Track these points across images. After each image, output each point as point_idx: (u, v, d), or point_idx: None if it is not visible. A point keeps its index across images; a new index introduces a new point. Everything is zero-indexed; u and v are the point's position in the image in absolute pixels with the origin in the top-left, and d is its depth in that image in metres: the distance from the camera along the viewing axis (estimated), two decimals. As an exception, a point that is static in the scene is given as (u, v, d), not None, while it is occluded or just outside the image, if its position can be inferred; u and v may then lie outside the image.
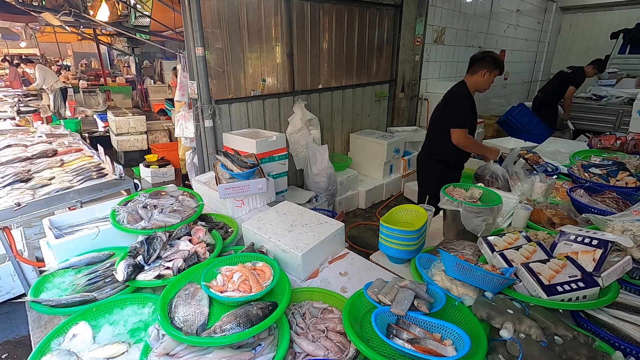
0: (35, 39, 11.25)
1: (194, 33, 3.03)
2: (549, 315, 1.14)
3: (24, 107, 5.90)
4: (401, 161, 4.88)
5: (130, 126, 5.72)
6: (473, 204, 1.72)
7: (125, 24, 5.89)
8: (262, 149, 2.92)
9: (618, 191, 1.96)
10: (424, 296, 1.22)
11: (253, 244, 1.72)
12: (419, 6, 5.10)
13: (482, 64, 2.53)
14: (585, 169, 2.29)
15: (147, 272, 1.45)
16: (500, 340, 1.08)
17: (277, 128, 3.96)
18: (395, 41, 5.13)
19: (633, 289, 1.32)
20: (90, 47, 13.64)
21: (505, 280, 1.25)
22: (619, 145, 2.96)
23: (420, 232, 1.60)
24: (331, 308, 1.36)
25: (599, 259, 1.29)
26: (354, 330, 1.12)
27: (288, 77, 3.98)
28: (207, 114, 3.30)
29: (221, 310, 1.32)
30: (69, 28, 7.91)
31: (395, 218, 1.77)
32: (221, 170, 2.26)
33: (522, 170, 2.27)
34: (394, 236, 1.58)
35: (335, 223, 1.78)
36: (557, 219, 1.81)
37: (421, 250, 1.65)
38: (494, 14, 6.82)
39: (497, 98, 8.09)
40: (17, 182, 2.35)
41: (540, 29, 8.89)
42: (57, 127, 4.37)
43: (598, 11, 8.92)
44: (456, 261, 1.29)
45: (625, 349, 1.09)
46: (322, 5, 4.06)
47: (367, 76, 4.99)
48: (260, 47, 3.64)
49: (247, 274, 1.40)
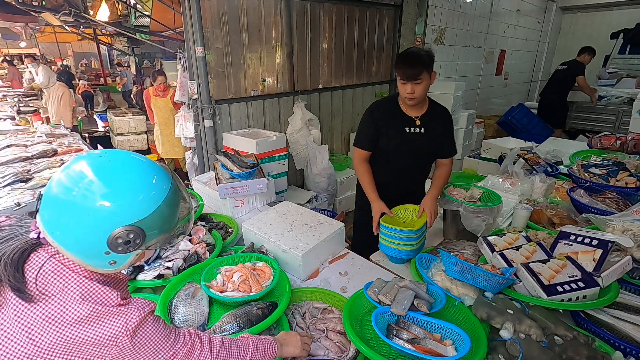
0: (35, 39, 11.24)
1: (194, 33, 3.03)
2: (549, 315, 1.14)
3: (24, 107, 5.91)
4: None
5: (130, 126, 5.72)
6: (473, 204, 1.72)
7: (125, 24, 5.89)
8: (262, 149, 2.92)
9: (618, 191, 1.96)
10: (424, 296, 1.22)
11: (253, 244, 1.72)
12: (419, 6, 5.09)
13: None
14: (585, 169, 2.29)
15: (147, 272, 1.45)
16: (500, 340, 1.08)
17: (277, 128, 3.95)
18: (395, 41, 5.13)
19: (633, 289, 1.32)
20: (90, 47, 13.63)
21: (505, 280, 1.25)
22: (619, 145, 2.96)
23: (420, 232, 1.60)
24: (331, 308, 1.36)
25: (599, 259, 1.29)
26: (354, 330, 1.12)
27: (288, 77, 3.98)
28: (207, 114, 3.30)
29: (221, 310, 1.32)
30: (69, 28, 7.91)
31: (396, 218, 1.77)
32: (221, 170, 2.26)
33: (522, 170, 2.27)
34: (394, 236, 1.58)
35: (335, 223, 1.78)
36: (557, 219, 1.81)
37: (421, 250, 1.65)
38: (494, 14, 6.82)
39: (497, 98, 8.08)
40: (17, 182, 2.35)
41: (540, 29, 8.88)
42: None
43: (598, 11, 8.91)
44: (456, 261, 1.29)
45: (625, 349, 1.09)
46: (322, 5, 4.06)
47: (367, 76, 4.98)
48: (260, 47, 3.63)
49: (247, 273, 1.40)
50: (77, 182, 0.69)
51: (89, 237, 0.70)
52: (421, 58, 1.64)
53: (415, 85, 1.66)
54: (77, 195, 0.68)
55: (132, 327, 0.73)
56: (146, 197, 0.72)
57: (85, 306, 0.70)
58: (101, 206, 0.68)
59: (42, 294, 0.69)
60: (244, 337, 0.98)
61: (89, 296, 0.72)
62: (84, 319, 0.69)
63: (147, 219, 0.72)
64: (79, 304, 0.70)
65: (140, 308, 0.76)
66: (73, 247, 0.71)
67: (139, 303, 0.77)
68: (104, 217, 0.69)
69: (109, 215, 0.69)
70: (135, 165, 0.75)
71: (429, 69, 1.66)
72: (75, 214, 0.68)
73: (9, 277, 0.68)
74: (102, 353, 0.72)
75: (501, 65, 7.69)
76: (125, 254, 0.74)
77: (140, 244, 0.73)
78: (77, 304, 0.70)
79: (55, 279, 0.71)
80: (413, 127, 1.81)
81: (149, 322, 0.77)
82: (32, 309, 0.68)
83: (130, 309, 0.74)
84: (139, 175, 0.73)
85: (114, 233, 0.70)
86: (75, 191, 0.68)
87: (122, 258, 0.74)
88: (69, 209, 0.69)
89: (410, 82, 1.66)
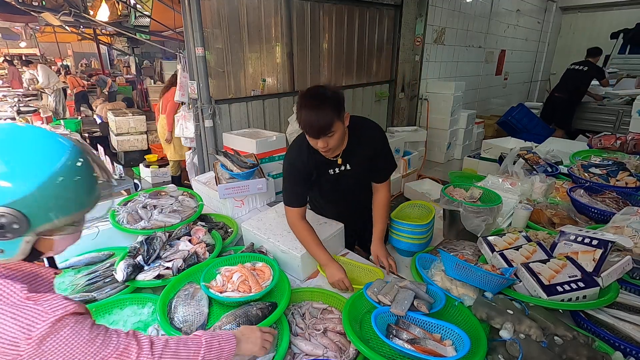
0: (35, 39, 11.24)
1: (194, 33, 3.03)
2: (548, 315, 1.14)
3: (24, 107, 5.91)
4: (401, 161, 4.88)
5: (130, 126, 5.71)
6: (473, 204, 1.72)
7: (125, 24, 5.89)
8: (262, 149, 2.92)
9: (618, 191, 1.96)
10: (424, 296, 1.22)
11: (253, 244, 1.72)
12: (419, 6, 5.10)
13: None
14: (585, 169, 2.29)
15: (147, 272, 1.45)
16: (500, 341, 1.08)
17: (277, 128, 3.95)
18: (395, 41, 5.13)
19: (633, 289, 1.32)
20: (90, 47, 13.65)
21: (505, 281, 1.25)
22: (619, 145, 2.95)
23: (429, 226, 1.68)
24: (331, 308, 1.36)
25: (599, 259, 1.29)
26: (353, 331, 1.12)
27: (288, 77, 3.98)
28: (207, 114, 3.30)
29: (221, 310, 1.32)
30: (69, 28, 7.90)
31: (404, 214, 1.85)
32: (221, 170, 2.26)
33: (522, 170, 2.26)
34: (405, 230, 1.66)
35: (335, 223, 1.78)
36: (557, 219, 1.81)
37: (428, 245, 1.73)
38: (494, 14, 6.82)
39: (497, 98, 8.09)
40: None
41: (540, 29, 8.88)
42: (57, 127, 4.37)
43: (598, 11, 8.91)
44: (456, 261, 1.29)
45: (625, 349, 1.09)
46: (322, 5, 4.06)
47: (367, 76, 4.98)
48: (260, 47, 3.64)
49: (246, 274, 1.40)
50: None
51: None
52: (328, 106, 1.30)
53: (329, 138, 1.35)
54: None
55: (37, 332, 0.61)
56: (28, 170, 0.60)
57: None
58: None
59: None
60: (196, 336, 0.89)
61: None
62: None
63: (27, 199, 0.60)
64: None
65: (52, 310, 0.63)
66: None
67: (53, 303, 0.65)
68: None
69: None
70: (17, 135, 0.62)
71: (340, 114, 1.33)
72: None
73: None
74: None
75: (501, 65, 7.70)
76: (9, 241, 0.62)
77: (22, 230, 0.61)
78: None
79: None
80: (336, 168, 1.57)
81: (66, 325, 0.65)
82: None
83: (36, 310, 0.62)
84: (20, 146, 0.61)
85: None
86: None
87: (8, 245, 0.63)
88: None
89: (321, 137, 1.34)
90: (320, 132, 1.33)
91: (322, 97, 1.32)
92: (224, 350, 0.89)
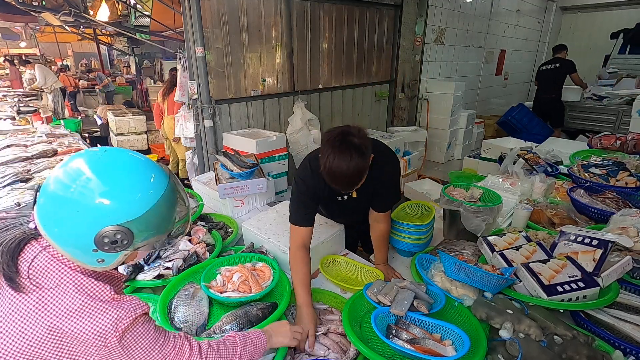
0: (35, 39, 11.23)
1: (194, 33, 3.03)
2: (548, 315, 1.14)
3: (24, 107, 5.90)
4: (401, 161, 4.88)
5: (130, 126, 5.72)
6: (473, 204, 1.72)
7: (125, 24, 5.89)
8: (262, 149, 2.92)
9: (618, 191, 1.96)
10: (424, 297, 1.22)
11: (253, 244, 1.72)
12: (419, 6, 5.09)
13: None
14: (585, 169, 2.29)
15: (147, 272, 1.45)
16: (499, 340, 1.08)
17: (277, 128, 3.95)
18: (395, 41, 5.13)
19: (633, 289, 1.32)
20: (90, 47, 13.63)
21: (505, 281, 1.25)
22: (619, 145, 2.95)
23: (429, 226, 1.69)
24: (331, 309, 1.36)
25: (599, 259, 1.29)
26: (353, 331, 1.12)
27: (288, 77, 3.98)
28: (207, 114, 3.30)
29: (221, 310, 1.32)
30: (69, 28, 7.90)
31: (404, 214, 1.86)
32: (221, 170, 2.26)
33: (522, 170, 2.26)
34: (405, 230, 1.66)
35: (335, 224, 1.78)
36: (557, 219, 1.81)
37: (428, 245, 1.74)
38: (494, 14, 6.82)
39: (497, 98, 8.08)
40: (17, 182, 2.35)
41: (540, 29, 8.88)
42: (57, 127, 4.37)
43: (598, 11, 8.91)
44: (455, 262, 1.29)
45: (625, 349, 1.09)
46: (322, 5, 4.06)
47: (367, 76, 4.98)
48: (260, 47, 3.63)
49: (246, 274, 1.40)
50: (75, 179, 0.68)
51: (78, 233, 0.69)
52: (358, 175, 1.24)
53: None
54: (75, 192, 0.67)
55: (122, 327, 0.71)
56: (143, 196, 0.71)
57: (77, 299, 0.70)
58: (99, 204, 0.68)
59: (33, 285, 0.69)
60: (230, 337, 0.97)
61: (80, 289, 0.71)
62: (73, 311, 0.69)
63: (138, 220, 0.71)
64: (69, 297, 0.70)
65: (133, 309, 0.74)
66: (63, 242, 0.71)
67: (133, 303, 0.75)
68: (97, 215, 0.68)
69: (102, 213, 0.68)
70: (134, 164, 0.74)
71: (367, 164, 1.26)
72: (70, 211, 0.68)
73: (4, 265, 0.69)
74: (90, 351, 0.70)
75: (501, 65, 7.70)
76: (113, 253, 0.73)
77: (128, 245, 0.72)
78: (68, 297, 0.70)
79: (46, 272, 0.71)
80: (345, 195, 1.55)
81: (139, 323, 0.76)
82: (23, 300, 0.68)
83: (122, 308, 0.73)
84: (137, 174, 0.73)
85: (102, 232, 0.69)
86: (72, 188, 0.68)
87: (110, 257, 0.73)
88: (64, 205, 0.68)
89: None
90: (347, 188, 1.29)
91: (353, 150, 1.19)
92: (257, 346, 0.98)
